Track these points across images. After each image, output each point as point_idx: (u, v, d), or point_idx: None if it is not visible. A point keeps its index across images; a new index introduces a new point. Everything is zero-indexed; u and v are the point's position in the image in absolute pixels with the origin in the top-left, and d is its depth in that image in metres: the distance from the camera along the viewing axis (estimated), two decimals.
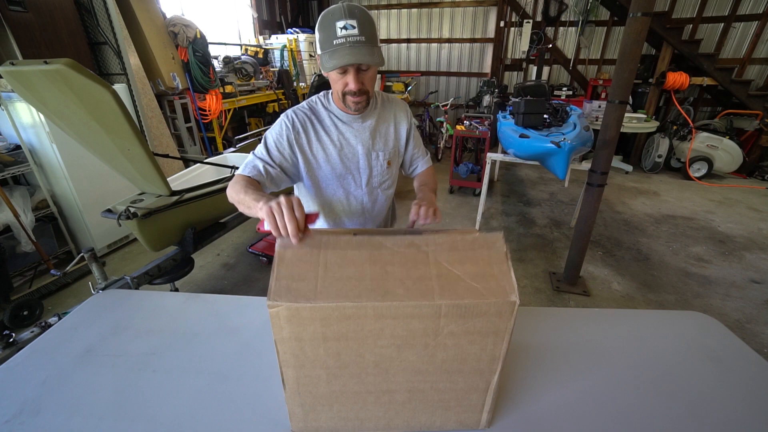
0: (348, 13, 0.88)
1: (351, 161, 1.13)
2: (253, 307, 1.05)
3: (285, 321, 0.57)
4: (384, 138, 1.16)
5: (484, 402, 0.65)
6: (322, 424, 0.67)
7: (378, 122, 1.14)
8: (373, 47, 0.91)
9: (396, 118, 1.19)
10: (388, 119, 1.18)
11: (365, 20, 0.90)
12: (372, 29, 0.91)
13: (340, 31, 0.88)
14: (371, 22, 0.92)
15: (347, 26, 0.88)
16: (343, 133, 1.11)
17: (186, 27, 4.01)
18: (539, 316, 1.02)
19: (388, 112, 1.18)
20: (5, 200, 2.35)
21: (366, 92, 1.00)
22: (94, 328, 0.96)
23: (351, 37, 0.88)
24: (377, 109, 1.14)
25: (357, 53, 0.89)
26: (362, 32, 0.89)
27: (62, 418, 0.71)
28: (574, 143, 2.74)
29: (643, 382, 0.81)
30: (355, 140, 1.12)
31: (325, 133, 1.10)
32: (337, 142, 1.11)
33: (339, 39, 0.89)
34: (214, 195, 2.21)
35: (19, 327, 2.17)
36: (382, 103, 1.17)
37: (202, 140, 4.52)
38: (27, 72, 1.39)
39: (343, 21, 0.88)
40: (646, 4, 1.90)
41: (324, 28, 0.91)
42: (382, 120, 1.16)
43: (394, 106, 1.19)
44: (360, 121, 1.11)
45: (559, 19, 6.18)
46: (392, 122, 1.18)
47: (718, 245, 3.25)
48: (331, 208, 1.19)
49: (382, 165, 1.17)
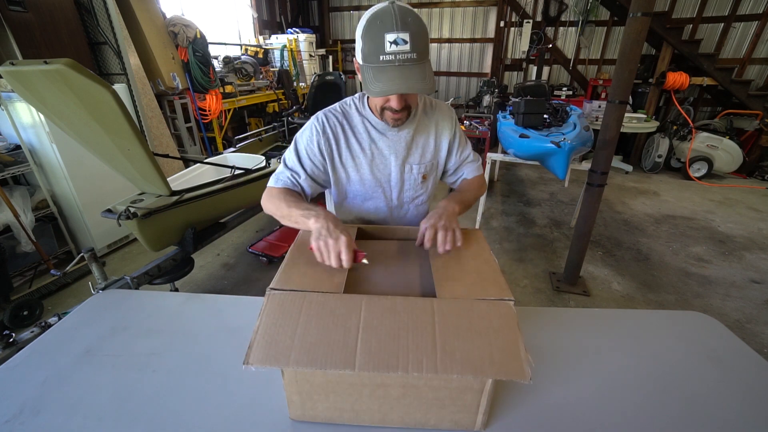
0: (401, 24, 0.76)
1: (382, 173, 1.05)
2: (253, 307, 1.04)
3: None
4: (422, 149, 1.06)
5: (480, 403, 0.64)
6: (319, 414, 0.68)
7: (416, 132, 1.04)
8: (424, 66, 0.81)
9: (438, 127, 1.07)
10: (429, 129, 1.06)
11: (419, 31, 0.78)
12: (425, 41, 0.80)
13: (389, 45, 0.77)
14: (425, 31, 0.80)
15: (398, 41, 0.76)
16: (376, 142, 1.02)
17: (186, 27, 4.01)
18: (539, 316, 1.02)
19: (430, 120, 1.06)
20: (5, 200, 2.35)
21: (408, 108, 0.92)
22: (94, 328, 0.96)
23: (401, 54, 0.77)
24: (417, 118, 1.03)
25: (408, 78, 0.79)
26: (414, 48, 0.78)
27: (62, 418, 0.71)
28: (574, 143, 2.74)
29: (642, 383, 0.81)
30: (388, 151, 1.03)
31: (357, 140, 1.02)
32: (369, 152, 1.02)
33: (388, 55, 0.78)
34: (214, 195, 2.21)
35: (19, 327, 2.17)
36: (423, 111, 1.06)
37: (202, 140, 4.52)
38: (27, 72, 1.39)
39: (395, 34, 0.76)
40: (646, 4, 1.89)
41: (371, 37, 0.79)
42: (421, 130, 1.05)
43: (438, 114, 1.07)
44: (396, 130, 1.01)
45: (559, 19, 6.18)
46: (433, 132, 1.06)
47: (718, 245, 3.25)
48: (356, 219, 1.14)
49: (416, 179, 1.07)
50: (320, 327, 0.61)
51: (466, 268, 0.78)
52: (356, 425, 0.69)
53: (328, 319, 0.62)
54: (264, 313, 0.63)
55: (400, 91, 0.81)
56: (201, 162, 2.71)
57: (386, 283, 0.78)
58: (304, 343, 0.58)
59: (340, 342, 0.58)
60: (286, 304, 0.65)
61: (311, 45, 6.66)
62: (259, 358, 0.55)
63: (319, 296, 0.68)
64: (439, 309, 0.64)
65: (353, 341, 0.58)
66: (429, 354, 0.57)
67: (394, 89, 0.80)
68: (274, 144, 3.93)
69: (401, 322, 0.62)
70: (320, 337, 0.59)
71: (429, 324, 0.62)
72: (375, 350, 0.57)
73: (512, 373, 0.55)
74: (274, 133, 3.98)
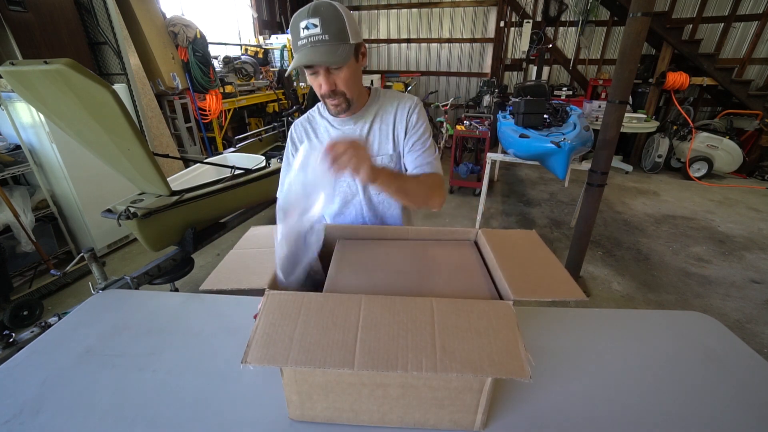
0: (312, 11, 0.84)
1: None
2: (253, 307, 1.04)
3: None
4: (379, 141, 1.06)
5: (479, 403, 0.64)
6: (318, 413, 0.68)
7: (373, 124, 1.06)
8: (338, 45, 0.85)
9: (397, 117, 1.05)
10: (388, 120, 1.06)
11: (331, 16, 0.84)
12: (339, 25, 0.85)
13: (302, 31, 0.85)
14: (339, 17, 0.85)
15: (309, 25, 0.84)
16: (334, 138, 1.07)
17: (186, 27, 4.01)
18: (539, 316, 1.02)
19: (389, 111, 1.06)
20: (5, 200, 2.35)
21: (342, 93, 0.95)
22: (94, 328, 0.96)
23: (313, 37, 0.84)
24: (373, 110, 1.06)
25: (315, 53, 0.85)
26: (326, 30, 0.84)
27: (62, 418, 0.71)
28: (574, 143, 2.74)
29: (642, 383, 0.81)
30: None
31: (317, 137, 1.09)
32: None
33: (302, 40, 0.85)
34: (214, 195, 2.21)
35: (19, 327, 2.17)
36: (386, 103, 1.07)
37: (202, 140, 4.52)
38: (27, 72, 1.39)
39: (306, 20, 0.84)
40: (646, 4, 1.89)
41: (292, 30, 0.88)
42: (379, 121, 1.06)
43: (398, 104, 1.06)
44: (351, 123, 1.05)
45: (559, 19, 6.17)
46: (392, 122, 1.06)
47: (718, 245, 3.25)
48: (334, 218, 1.17)
49: None
50: (319, 326, 0.61)
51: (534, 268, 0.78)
52: (355, 425, 0.69)
53: (327, 319, 0.62)
54: (263, 313, 0.63)
55: (303, 62, 0.86)
56: (201, 162, 2.71)
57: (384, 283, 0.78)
58: (303, 343, 0.58)
59: (339, 341, 0.58)
60: (285, 304, 0.65)
61: None
62: (257, 358, 0.56)
63: (319, 296, 0.68)
64: (438, 309, 0.64)
65: (352, 340, 0.58)
66: (428, 353, 0.57)
67: (299, 63, 0.86)
68: (274, 144, 3.93)
69: (400, 322, 0.62)
70: (319, 336, 0.59)
71: (428, 324, 0.62)
72: (374, 349, 0.57)
73: (512, 371, 0.55)
74: (274, 133, 3.98)
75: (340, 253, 0.88)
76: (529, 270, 0.76)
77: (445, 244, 0.93)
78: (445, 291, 0.75)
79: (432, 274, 0.81)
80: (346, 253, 0.88)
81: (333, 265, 0.83)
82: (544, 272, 0.76)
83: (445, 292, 0.74)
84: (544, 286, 0.71)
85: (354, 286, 0.76)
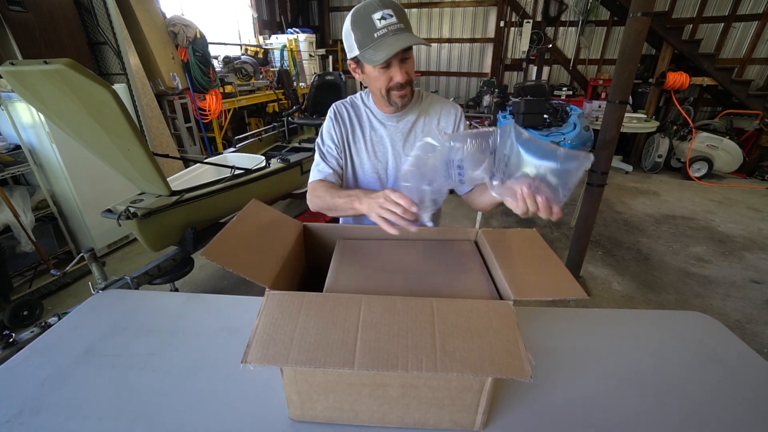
0: (382, 3, 0.86)
1: (379, 160, 1.10)
2: (253, 307, 1.04)
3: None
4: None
5: (479, 403, 0.64)
6: (318, 413, 0.68)
7: (416, 124, 1.08)
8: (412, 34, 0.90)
9: (441, 122, 1.09)
10: (431, 123, 1.09)
11: (399, 8, 0.89)
12: (407, 18, 0.90)
13: (379, 22, 0.86)
14: (404, 11, 0.91)
15: (385, 16, 0.85)
16: (376, 130, 1.09)
17: (186, 27, 4.02)
18: (538, 316, 1.02)
19: (433, 115, 1.09)
20: (5, 200, 2.35)
21: (410, 82, 0.98)
22: (94, 328, 0.96)
23: (392, 26, 0.86)
24: (417, 110, 1.08)
25: (406, 38, 0.86)
26: (401, 20, 0.87)
27: (62, 418, 0.71)
28: (574, 143, 2.74)
29: (642, 383, 0.81)
30: (386, 139, 1.08)
31: (360, 127, 1.10)
32: (368, 136, 1.09)
33: (380, 30, 0.86)
34: (214, 195, 2.21)
35: (19, 327, 2.17)
36: (430, 106, 1.09)
37: (202, 140, 4.52)
38: (27, 72, 1.39)
39: (380, 11, 0.86)
40: (646, 4, 1.89)
41: (359, 24, 0.88)
42: (422, 123, 1.09)
43: (443, 109, 1.10)
44: (395, 121, 1.07)
45: (559, 19, 6.18)
46: (435, 126, 1.09)
47: (718, 245, 3.25)
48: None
49: None
50: (319, 326, 0.61)
51: (534, 267, 0.78)
52: (355, 425, 0.69)
53: (327, 319, 0.62)
54: (263, 313, 0.63)
55: (402, 46, 0.86)
56: (201, 162, 2.71)
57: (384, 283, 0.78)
58: (303, 342, 0.58)
59: (339, 341, 0.58)
60: (285, 304, 0.65)
61: (311, 45, 6.66)
62: (257, 357, 0.56)
63: (319, 296, 0.68)
64: (438, 309, 0.64)
65: (352, 340, 0.58)
66: (428, 353, 0.57)
67: (394, 49, 0.85)
68: (274, 144, 3.93)
69: (401, 322, 0.62)
70: (319, 336, 0.59)
71: (428, 324, 0.62)
72: (374, 349, 0.57)
73: (512, 371, 0.55)
74: (274, 133, 3.98)
75: (340, 253, 0.88)
76: (529, 269, 0.76)
77: (445, 244, 0.93)
78: (445, 291, 0.75)
79: (432, 274, 0.81)
80: (346, 253, 0.88)
81: (333, 265, 0.83)
82: (545, 271, 0.76)
83: (445, 292, 0.74)
84: (545, 285, 0.71)
85: (354, 286, 0.76)
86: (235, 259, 0.71)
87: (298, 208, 3.74)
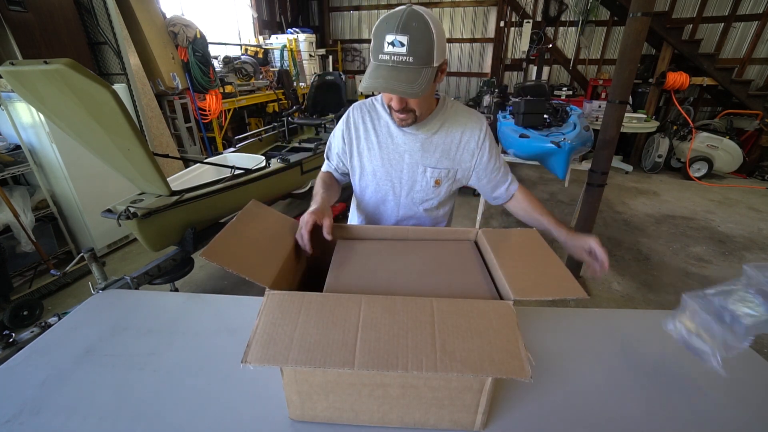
0: (402, 27, 0.77)
1: (394, 168, 1.06)
2: (253, 307, 1.04)
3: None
4: (439, 154, 1.03)
5: (479, 403, 0.64)
6: (319, 414, 0.68)
7: (436, 136, 1.03)
8: (420, 72, 0.81)
9: (464, 136, 1.03)
10: (453, 135, 1.03)
11: (420, 35, 0.78)
12: (427, 47, 0.80)
13: (387, 46, 0.79)
14: (429, 37, 0.79)
15: (396, 42, 0.78)
16: (393, 137, 1.04)
17: (186, 27, 4.02)
18: (539, 316, 1.02)
19: (456, 127, 1.03)
20: (5, 200, 2.35)
21: (412, 111, 0.93)
22: (94, 328, 0.96)
23: (396, 56, 0.79)
24: (439, 121, 1.02)
25: (394, 79, 0.80)
26: (412, 51, 0.78)
27: (62, 418, 0.71)
28: (574, 143, 2.74)
29: (642, 382, 0.81)
30: (403, 147, 1.04)
31: (375, 132, 1.06)
32: (385, 145, 1.05)
33: (384, 55, 0.80)
34: (214, 195, 2.21)
35: (19, 327, 2.17)
36: (453, 118, 1.03)
37: (202, 140, 4.52)
38: (27, 72, 1.39)
39: (393, 35, 0.78)
40: (646, 4, 1.89)
41: (376, 36, 0.82)
42: (444, 135, 1.03)
43: (467, 122, 1.03)
44: (414, 128, 1.01)
45: (559, 19, 6.18)
46: (457, 140, 1.03)
47: (718, 245, 3.25)
48: (368, 211, 1.17)
49: (428, 182, 1.06)
50: (319, 326, 0.61)
51: (535, 267, 0.78)
52: (355, 425, 0.69)
53: (328, 319, 0.62)
54: (263, 313, 0.63)
55: (379, 89, 0.82)
56: (201, 162, 2.71)
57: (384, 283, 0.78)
58: (303, 342, 0.58)
59: (340, 341, 0.58)
60: (285, 304, 0.65)
61: (311, 45, 6.66)
62: (257, 357, 0.56)
63: (319, 296, 0.68)
64: (438, 308, 0.64)
65: (352, 340, 0.58)
66: (428, 353, 0.57)
67: (376, 86, 0.82)
68: (274, 144, 3.93)
69: (401, 322, 0.62)
70: (319, 336, 0.59)
71: (428, 324, 0.62)
72: (374, 349, 0.57)
73: (512, 371, 0.55)
74: (274, 133, 3.98)
75: (340, 253, 0.88)
76: (530, 269, 0.76)
77: (445, 244, 0.93)
78: (445, 291, 0.75)
79: (432, 274, 0.81)
80: (346, 253, 0.88)
81: (333, 265, 0.83)
82: (546, 271, 0.76)
83: (445, 292, 0.74)
84: (546, 284, 0.71)
85: (354, 286, 0.76)
86: (235, 259, 0.71)
87: (298, 208, 3.74)
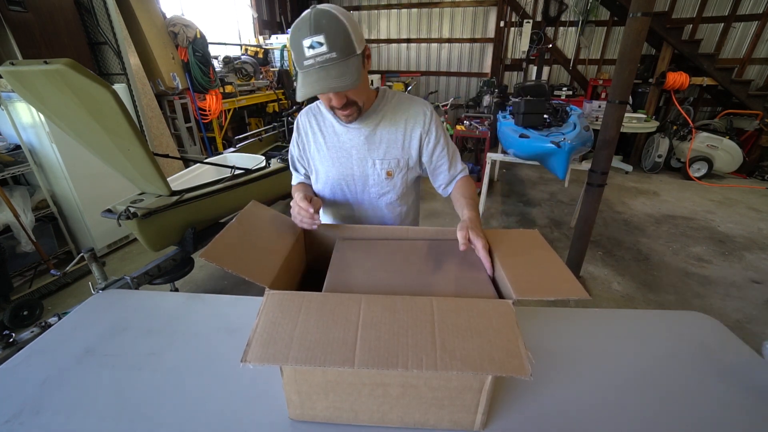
0: (314, 28, 0.77)
1: (344, 165, 1.06)
2: (253, 307, 1.04)
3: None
4: (385, 145, 1.03)
5: (479, 402, 0.64)
6: (318, 413, 0.68)
7: (380, 127, 1.03)
8: (348, 62, 0.80)
9: (408, 124, 1.03)
10: (397, 125, 1.03)
11: (335, 29, 0.78)
12: (345, 38, 0.79)
13: (307, 51, 0.78)
14: (343, 29, 0.79)
15: (314, 44, 0.77)
16: (339, 135, 1.05)
17: (186, 27, 4.01)
18: (538, 316, 1.02)
19: (399, 116, 1.03)
20: (5, 200, 2.35)
21: (353, 103, 0.92)
22: (94, 328, 0.96)
23: (320, 57, 0.78)
24: (381, 112, 1.02)
25: (326, 78, 0.80)
26: (333, 47, 0.77)
27: (62, 418, 0.71)
28: (574, 143, 2.74)
29: (642, 383, 0.81)
30: (349, 144, 1.04)
31: (322, 135, 1.07)
32: (331, 143, 1.06)
33: (308, 60, 0.79)
34: (214, 195, 2.21)
35: (19, 327, 2.17)
36: (395, 107, 1.03)
37: (202, 140, 4.52)
38: (27, 72, 1.39)
39: (310, 38, 0.77)
40: (646, 4, 1.89)
41: (293, 47, 0.81)
42: (387, 125, 1.03)
43: (411, 110, 1.03)
44: (357, 124, 1.02)
45: (559, 19, 6.17)
46: (402, 128, 1.03)
47: (718, 245, 3.25)
48: (332, 212, 1.18)
49: (380, 174, 1.06)
50: (319, 325, 0.61)
51: (536, 267, 0.78)
52: (355, 425, 0.69)
53: (328, 318, 0.62)
54: (262, 312, 0.63)
55: (315, 93, 0.82)
56: (201, 162, 2.71)
57: (384, 283, 0.78)
58: (303, 341, 0.58)
59: (340, 339, 0.58)
60: (285, 304, 0.65)
61: None
62: (257, 356, 0.56)
63: (319, 295, 0.68)
64: (438, 308, 0.64)
65: (352, 339, 0.58)
66: (428, 352, 0.57)
67: (311, 91, 0.81)
68: (274, 144, 3.93)
69: (401, 321, 0.62)
70: (319, 335, 0.59)
71: (428, 323, 0.62)
72: (374, 348, 0.57)
73: (512, 369, 0.55)
74: (274, 133, 3.98)
75: (340, 253, 0.88)
76: (531, 269, 0.76)
77: (445, 243, 0.93)
78: (445, 290, 0.75)
79: (432, 274, 0.81)
80: (346, 253, 0.88)
81: (333, 265, 0.83)
82: (546, 271, 0.76)
83: (445, 292, 0.74)
84: (546, 284, 0.71)
85: (354, 286, 0.76)
86: (235, 259, 0.71)
87: None
